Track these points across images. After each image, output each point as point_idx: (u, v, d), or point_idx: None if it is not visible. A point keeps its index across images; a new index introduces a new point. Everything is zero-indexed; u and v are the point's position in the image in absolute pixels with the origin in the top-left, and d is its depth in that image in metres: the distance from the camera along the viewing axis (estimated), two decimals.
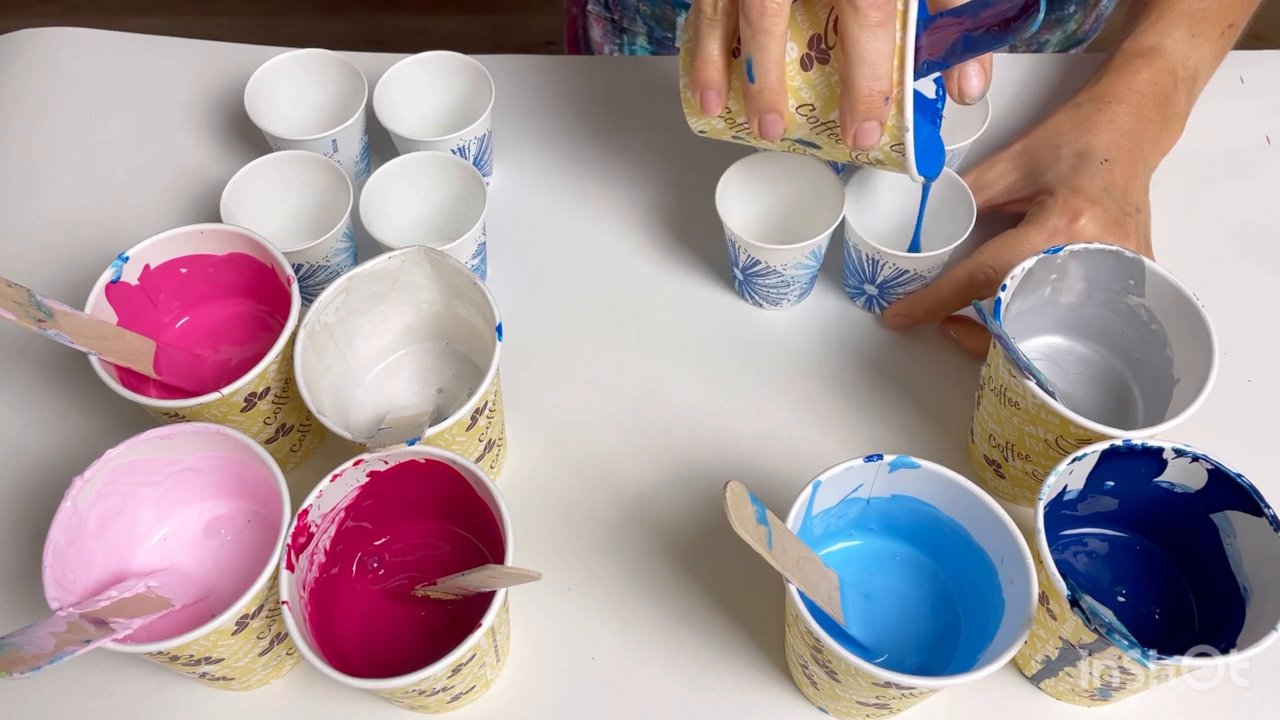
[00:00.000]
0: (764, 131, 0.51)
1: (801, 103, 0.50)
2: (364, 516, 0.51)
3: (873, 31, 0.45)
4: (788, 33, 0.48)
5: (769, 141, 0.53)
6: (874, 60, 0.46)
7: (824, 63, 0.49)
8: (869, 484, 0.49)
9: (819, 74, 0.49)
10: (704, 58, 0.50)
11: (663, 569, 0.55)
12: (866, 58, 0.46)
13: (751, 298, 0.65)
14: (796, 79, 0.50)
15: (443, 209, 0.64)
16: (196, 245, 0.56)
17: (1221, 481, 0.47)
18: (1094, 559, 0.53)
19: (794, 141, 0.53)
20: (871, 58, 0.46)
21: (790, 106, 0.50)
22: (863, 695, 0.46)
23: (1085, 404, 0.58)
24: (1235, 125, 0.73)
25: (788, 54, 0.49)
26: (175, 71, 0.76)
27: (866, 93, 0.47)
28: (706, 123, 0.55)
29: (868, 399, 0.61)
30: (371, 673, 0.43)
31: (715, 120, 0.54)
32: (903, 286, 0.61)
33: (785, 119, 0.50)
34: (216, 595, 0.51)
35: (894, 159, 0.51)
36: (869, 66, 0.46)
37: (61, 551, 0.46)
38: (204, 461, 0.51)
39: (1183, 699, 0.51)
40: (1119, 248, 0.53)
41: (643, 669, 0.53)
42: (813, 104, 0.50)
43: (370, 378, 0.59)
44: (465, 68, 0.68)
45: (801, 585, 0.44)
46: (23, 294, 0.48)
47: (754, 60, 0.48)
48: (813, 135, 0.52)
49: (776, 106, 0.50)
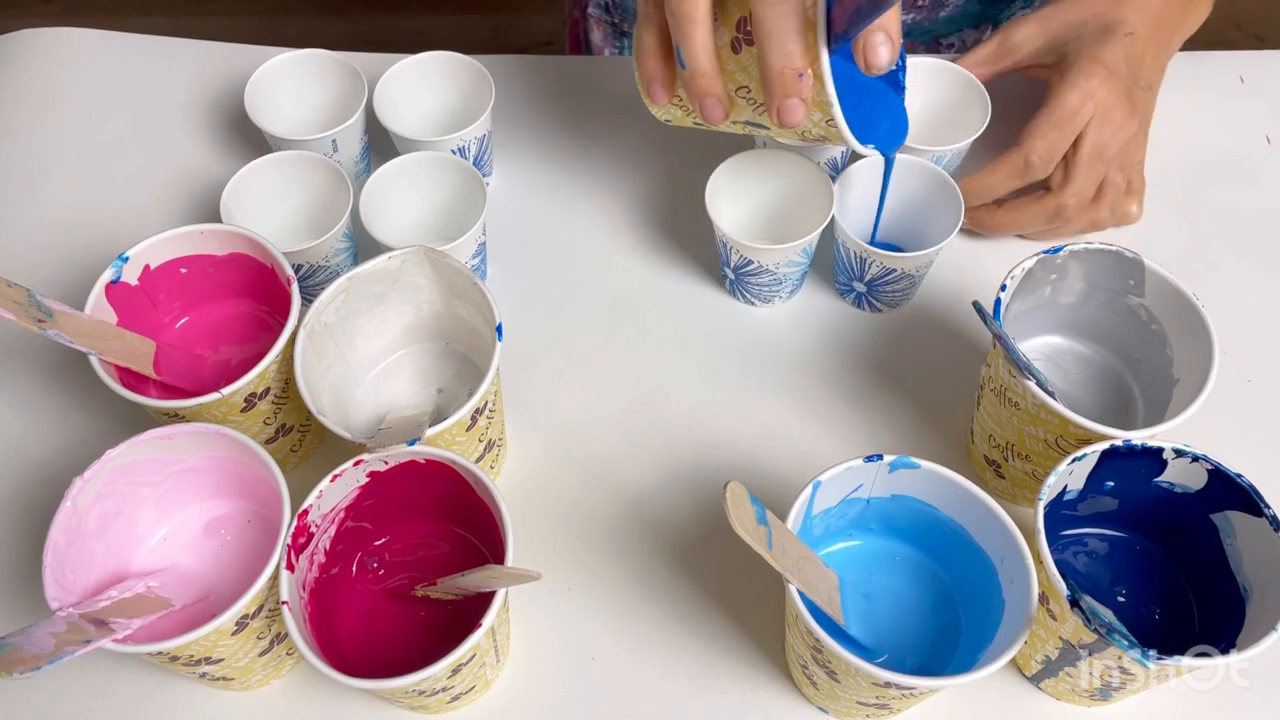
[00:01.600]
0: (706, 116, 0.51)
1: (739, 85, 0.50)
2: (364, 516, 0.51)
3: (777, 8, 0.45)
4: (711, 18, 0.48)
5: (717, 126, 0.53)
6: (781, 36, 0.46)
7: (751, 44, 0.48)
8: (869, 484, 0.49)
9: (749, 56, 0.49)
10: (643, 50, 0.52)
11: (663, 569, 0.55)
12: (773, 34, 0.46)
13: (743, 296, 0.65)
14: (730, 63, 0.50)
15: (443, 209, 0.64)
16: (196, 245, 0.56)
17: (1221, 481, 0.47)
18: (1094, 559, 0.53)
19: (744, 123, 0.53)
20: (778, 33, 0.46)
21: (730, 90, 0.51)
22: (863, 695, 0.46)
23: (1085, 404, 0.58)
24: (1235, 125, 0.73)
25: (719, 38, 0.49)
26: (175, 71, 0.76)
27: (779, 69, 0.47)
28: (665, 111, 0.55)
29: (868, 399, 0.61)
30: (371, 673, 0.43)
31: (671, 109, 0.55)
32: (891, 285, 0.61)
33: (725, 103, 0.51)
34: (216, 595, 0.51)
35: (833, 134, 0.50)
36: (777, 43, 0.46)
37: (61, 551, 0.46)
38: (204, 461, 0.51)
39: (1183, 699, 0.51)
40: (1119, 248, 0.53)
41: (643, 669, 0.53)
42: (748, 86, 0.50)
43: (370, 378, 0.59)
44: (465, 68, 0.68)
45: (801, 585, 0.44)
46: (23, 294, 0.48)
47: (681, 47, 0.49)
48: (757, 116, 0.52)
49: (712, 91, 0.50)
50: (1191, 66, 0.77)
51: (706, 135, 0.71)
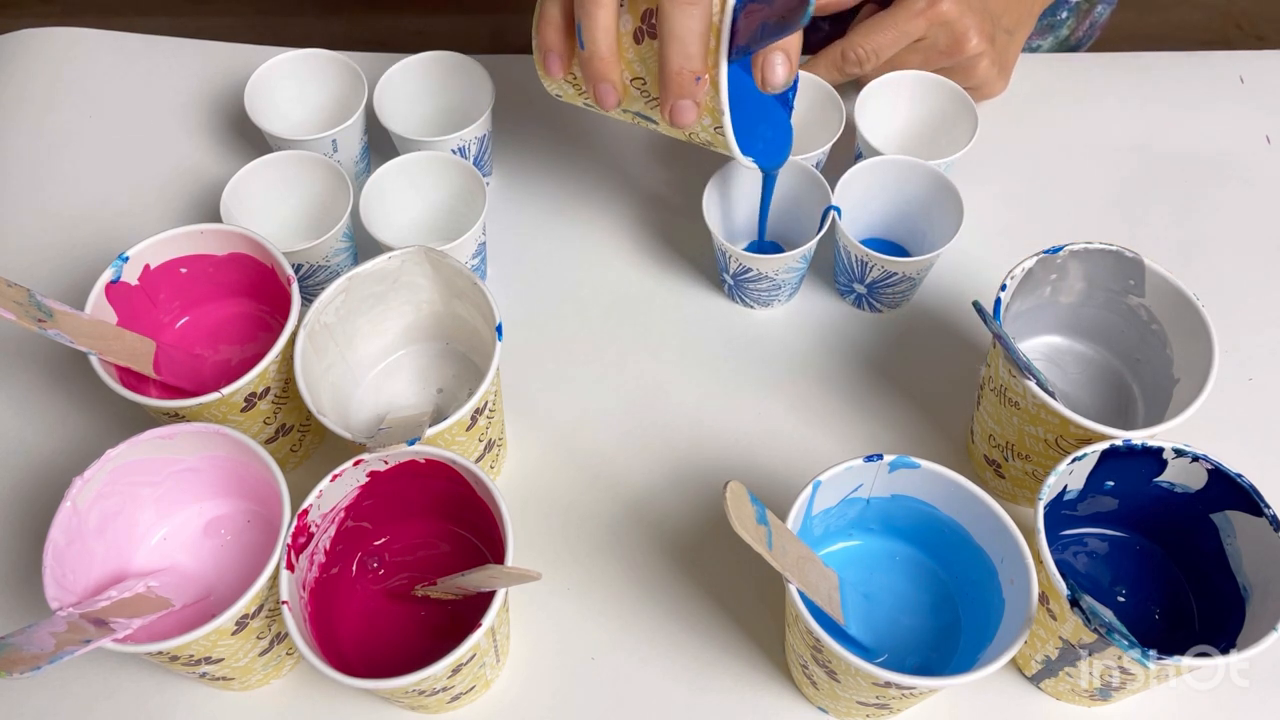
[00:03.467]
0: (599, 100, 0.51)
1: (635, 75, 0.50)
2: (364, 516, 0.51)
3: (685, 9, 0.46)
4: (617, 3, 0.48)
5: (607, 111, 0.52)
6: (684, 38, 0.46)
7: (653, 38, 0.49)
8: (869, 484, 0.49)
9: (649, 48, 0.49)
10: (545, 19, 0.51)
11: (663, 569, 0.55)
12: (677, 34, 0.46)
13: (742, 300, 0.65)
14: (630, 51, 0.50)
15: (443, 209, 0.64)
16: (196, 245, 0.56)
17: (1221, 481, 0.47)
18: (1094, 559, 0.53)
19: (633, 114, 0.53)
20: (682, 35, 0.46)
21: (625, 78, 0.50)
22: (863, 695, 0.46)
23: (1085, 404, 0.58)
24: (1235, 125, 0.73)
25: (623, 25, 0.49)
26: (175, 71, 0.76)
27: (676, 69, 0.47)
28: (557, 85, 0.55)
29: (867, 399, 0.61)
30: (371, 673, 0.43)
31: (564, 85, 0.54)
32: (892, 287, 0.61)
33: (619, 90, 0.50)
34: (216, 595, 0.51)
35: (719, 141, 0.51)
36: (679, 44, 0.46)
37: (61, 551, 0.46)
38: (204, 461, 0.51)
39: (1183, 699, 0.51)
40: (1119, 247, 0.53)
41: (643, 669, 0.53)
42: (644, 78, 0.50)
43: (370, 378, 0.59)
44: (465, 68, 0.68)
45: (801, 585, 0.44)
46: (23, 294, 0.48)
47: (583, 26, 0.48)
48: (648, 110, 0.52)
49: (608, 76, 0.50)
50: (1191, 66, 0.77)
51: None
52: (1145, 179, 0.70)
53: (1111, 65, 0.72)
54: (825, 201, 0.60)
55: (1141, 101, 0.74)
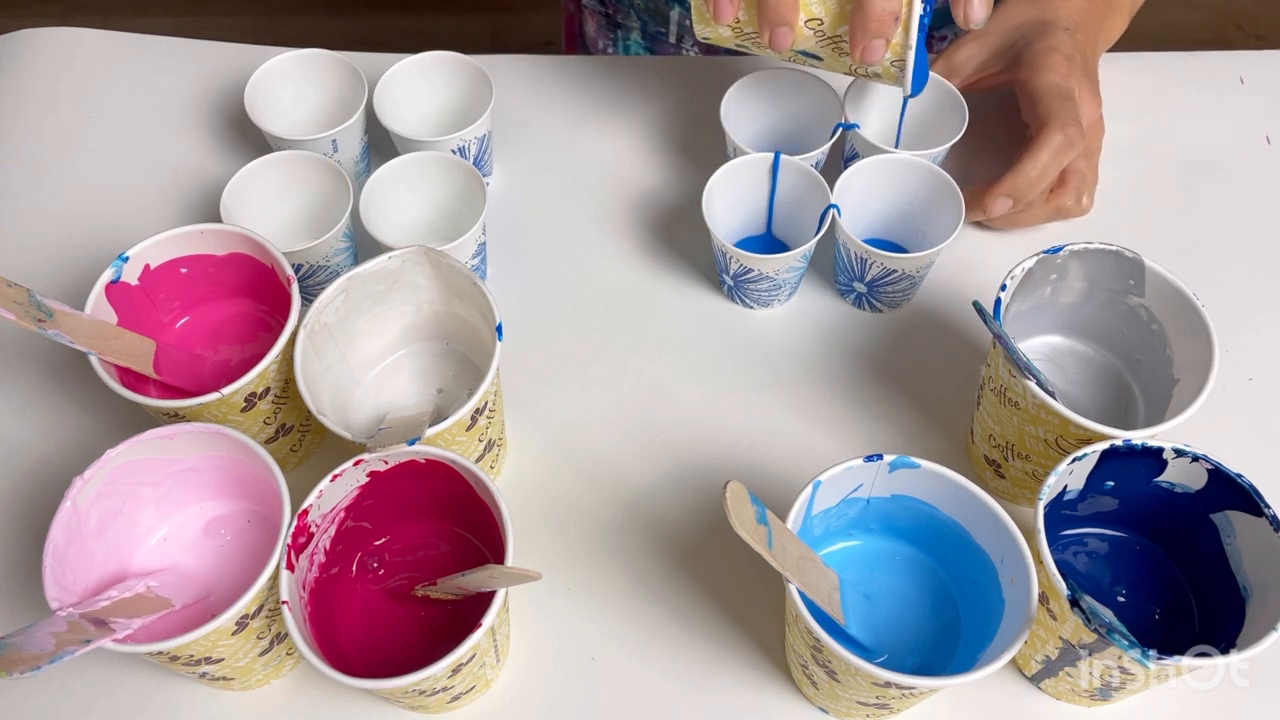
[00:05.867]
0: (774, 43, 0.53)
1: (811, 16, 0.52)
2: (364, 516, 0.51)
3: None
4: None
5: (775, 53, 0.54)
6: None
7: None
8: (869, 484, 0.49)
9: None
10: None
11: (663, 569, 0.55)
12: None
13: (742, 300, 0.65)
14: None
15: (443, 209, 0.64)
16: (196, 245, 0.56)
17: (1221, 481, 0.47)
18: (1094, 559, 0.53)
19: (797, 53, 0.55)
20: None
21: (800, 20, 0.52)
22: (863, 695, 0.46)
23: (1085, 404, 0.58)
24: (1235, 125, 0.73)
25: None
26: (175, 71, 0.76)
27: (879, 12, 0.49)
28: (714, 30, 0.56)
29: (867, 399, 0.61)
30: (371, 673, 0.43)
31: (722, 29, 0.56)
32: (892, 285, 0.61)
33: (795, 31, 0.52)
34: (216, 595, 0.51)
35: (892, 74, 0.54)
36: None
37: (61, 551, 0.46)
38: (204, 461, 0.51)
39: (1183, 699, 0.51)
40: (1119, 247, 0.53)
41: (643, 669, 0.53)
42: (821, 18, 0.52)
43: (370, 378, 0.59)
44: (465, 68, 0.68)
45: (801, 585, 0.44)
46: (23, 294, 0.48)
47: None
48: (817, 48, 0.54)
49: (787, 19, 0.52)
50: (1191, 67, 0.77)
51: (706, 135, 0.71)
52: (1145, 179, 0.70)
53: (1111, 65, 0.72)
54: (825, 201, 0.60)
55: (1141, 101, 0.74)
